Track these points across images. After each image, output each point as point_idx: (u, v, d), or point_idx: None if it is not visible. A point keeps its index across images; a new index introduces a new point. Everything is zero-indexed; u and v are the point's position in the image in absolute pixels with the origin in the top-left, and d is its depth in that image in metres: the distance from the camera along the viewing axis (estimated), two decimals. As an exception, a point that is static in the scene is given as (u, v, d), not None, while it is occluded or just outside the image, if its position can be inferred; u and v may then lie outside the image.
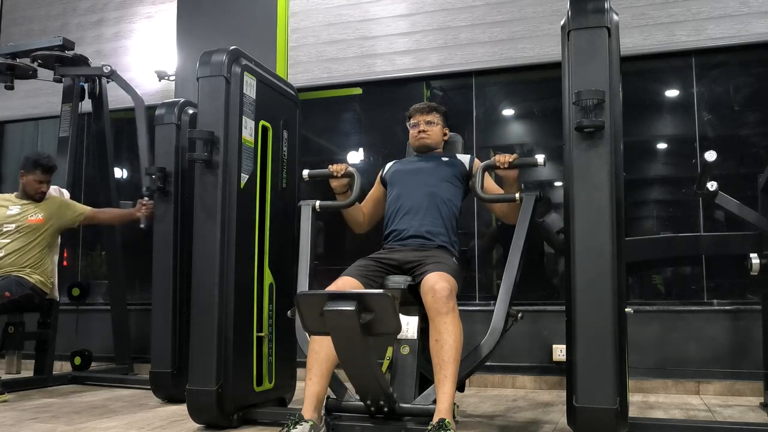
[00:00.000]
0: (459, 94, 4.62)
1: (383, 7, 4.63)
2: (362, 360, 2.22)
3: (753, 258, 2.83)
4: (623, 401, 2.33)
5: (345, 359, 2.28)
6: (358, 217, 3.12)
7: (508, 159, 2.77)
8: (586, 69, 2.42)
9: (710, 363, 3.73)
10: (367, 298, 2.10)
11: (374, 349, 2.25)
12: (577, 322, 2.33)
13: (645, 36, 4.06)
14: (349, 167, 2.97)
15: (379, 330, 2.14)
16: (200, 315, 2.79)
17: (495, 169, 2.82)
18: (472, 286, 4.22)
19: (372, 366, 2.25)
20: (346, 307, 2.06)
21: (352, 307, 2.06)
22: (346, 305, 2.07)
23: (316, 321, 2.15)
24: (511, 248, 2.70)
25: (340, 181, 2.97)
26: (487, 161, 2.84)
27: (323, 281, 2.70)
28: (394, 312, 2.10)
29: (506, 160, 2.77)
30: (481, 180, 2.82)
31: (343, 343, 2.20)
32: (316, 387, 2.44)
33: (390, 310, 2.09)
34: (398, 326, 2.15)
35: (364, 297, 2.10)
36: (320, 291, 2.26)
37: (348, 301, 2.08)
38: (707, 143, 3.94)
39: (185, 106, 3.67)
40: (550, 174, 4.41)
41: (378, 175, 3.18)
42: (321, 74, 4.71)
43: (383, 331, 2.17)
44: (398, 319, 2.15)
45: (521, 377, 4.03)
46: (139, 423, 2.94)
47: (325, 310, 2.09)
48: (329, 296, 2.13)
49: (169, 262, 3.50)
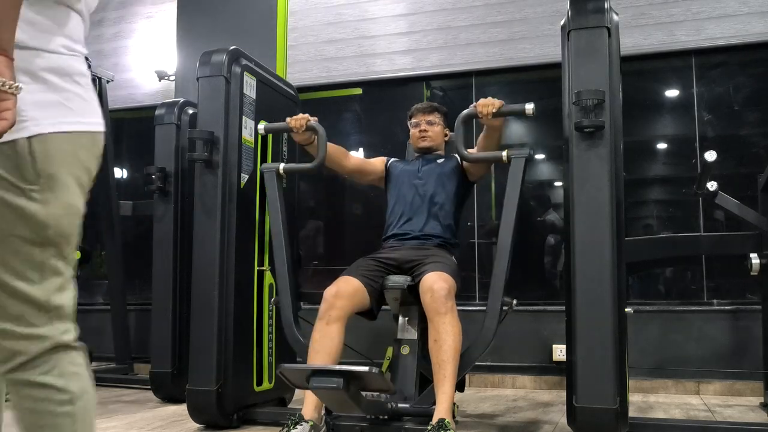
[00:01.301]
0: (459, 94, 4.62)
1: (382, 6, 4.63)
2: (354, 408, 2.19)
3: (753, 258, 2.83)
4: (623, 401, 2.33)
5: (336, 410, 2.30)
6: (339, 157, 2.94)
7: (491, 109, 2.51)
8: (586, 69, 2.42)
9: (710, 363, 3.73)
10: (355, 374, 2.01)
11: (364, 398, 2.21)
12: (577, 322, 2.33)
13: (645, 36, 4.06)
14: (311, 120, 2.74)
15: (369, 390, 2.12)
16: (200, 315, 2.79)
17: (475, 118, 2.60)
18: (472, 286, 4.22)
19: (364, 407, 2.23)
20: (333, 385, 1.98)
21: (339, 385, 1.97)
22: (333, 383, 1.98)
23: (305, 384, 2.10)
24: (501, 224, 2.54)
25: (301, 136, 2.78)
26: (466, 110, 2.57)
27: (323, 281, 2.70)
28: (384, 383, 2.05)
29: (489, 111, 2.51)
30: (461, 135, 2.58)
31: (333, 404, 2.19)
32: (316, 387, 2.44)
33: (380, 382, 2.04)
34: (390, 389, 2.13)
35: (351, 374, 2.01)
36: (303, 366, 2.17)
37: (334, 377, 1.99)
38: (707, 143, 3.93)
39: (185, 106, 3.67)
40: (550, 174, 4.41)
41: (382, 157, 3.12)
42: (320, 74, 4.71)
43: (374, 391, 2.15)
44: (389, 385, 2.11)
45: (521, 377, 4.03)
46: (139, 423, 2.94)
47: (312, 386, 2.03)
48: (313, 372, 2.05)
49: (169, 262, 3.50)
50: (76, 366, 1.17)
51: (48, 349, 1.13)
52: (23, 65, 1.10)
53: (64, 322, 1.16)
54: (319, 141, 2.74)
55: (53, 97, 1.14)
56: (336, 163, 2.95)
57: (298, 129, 2.74)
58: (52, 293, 1.14)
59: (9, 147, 1.09)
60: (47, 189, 1.12)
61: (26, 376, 1.12)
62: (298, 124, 2.75)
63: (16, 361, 1.12)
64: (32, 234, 1.12)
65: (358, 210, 4.82)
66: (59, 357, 1.14)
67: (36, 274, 1.13)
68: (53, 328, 1.14)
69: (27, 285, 1.12)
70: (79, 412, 1.15)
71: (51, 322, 1.14)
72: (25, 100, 1.09)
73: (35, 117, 1.11)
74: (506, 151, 2.57)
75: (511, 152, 2.56)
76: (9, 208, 1.10)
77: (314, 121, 2.75)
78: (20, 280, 1.11)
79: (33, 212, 1.11)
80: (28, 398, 1.12)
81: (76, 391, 1.15)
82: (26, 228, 1.11)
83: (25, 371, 1.12)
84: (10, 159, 1.09)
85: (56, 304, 1.14)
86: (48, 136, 1.12)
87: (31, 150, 1.10)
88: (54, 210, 1.13)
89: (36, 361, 1.12)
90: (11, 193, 1.10)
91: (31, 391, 1.12)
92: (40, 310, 1.12)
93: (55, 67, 1.14)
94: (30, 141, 1.10)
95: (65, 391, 1.14)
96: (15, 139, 1.09)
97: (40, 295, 1.12)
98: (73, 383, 1.15)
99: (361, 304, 2.62)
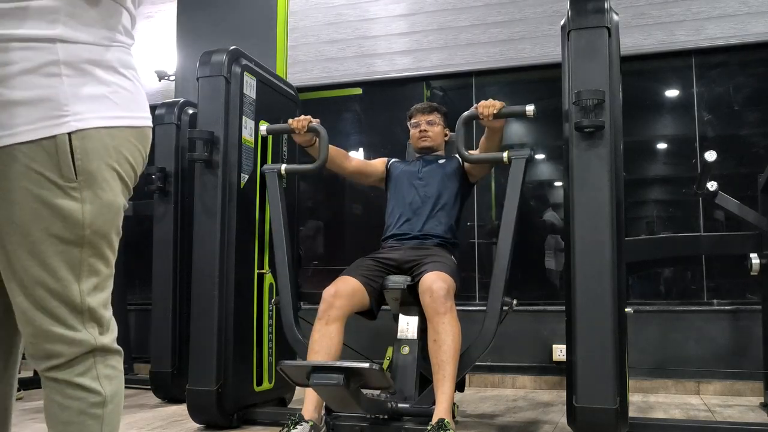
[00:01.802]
0: (459, 95, 4.62)
1: (383, 6, 4.63)
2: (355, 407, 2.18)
3: (753, 258, 2.83)
4: (623, 401, 2.33)
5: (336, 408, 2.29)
6: (341, 159, 2.95)
7: (492, 110, 2.52)
8: (586, 69, 2.42)
9: (710, 363, 3.73)
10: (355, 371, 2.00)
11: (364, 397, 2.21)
12: (577, 322, 2.33)
13: (645, 36, 4.06)
14: (313, 122, 2.77)
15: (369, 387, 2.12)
16: (200, 315, 2.79)
17: (476, 119, 2.61)
18: (472, 286, 4.22)
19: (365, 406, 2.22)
20: (333, 381, 1.98)
21: (339, 382, 1.96)
22: (333, 380, 1.97)
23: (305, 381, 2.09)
24: (502, 224, 2.55)
25: (303, 137, 2.81)
26: (468, 112, 2.60)
27: (323, 281, 2.70)
28: (385, 380, 2.04)
29: (490, 112, 2.52)
30: (462, 136, 2.61)
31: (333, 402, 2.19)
32: (316, 387, 2.44)
33: (380, 379, 2.03)
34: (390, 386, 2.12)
35: (351, 370, 2.00)
36: (303, 363, 2.16)
37: (334, 373, 1.99)
38: (707, 143, 3.93)
39: (185, 106, 3.67)
40: (550, 174, 4.41)
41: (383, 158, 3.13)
42: (320, 74, 4.71)
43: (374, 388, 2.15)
44: (390, 382, 2.10)
45: (521, 377, 4.03)
46: (139, 423, 2.94)
47: (312, 383, 2.02)
48: (313, 368, 2.04)
49: (169, 262, 3.50)
50: (111, 369, 1.16)
51: (86, 352, 1.13)
52: (67, 58, 1.08)
53: (101, 323, 1.15)
54: (321, 142, 2.75)
55: (98, 91, 1.11)
56: (337, 165, 2.96)
57: (299, 130, 2.76)
58: (88, 293, 1.13)
59: (49, 143, 1.07)
60: (86, 187, 1.10)
61: (62, 375, 1.12)
62: (299, 125, 2.76)
63: (53, 362, 1.11)
64: (69, 233, 1.10)
65: (358, 210, 4.82)
66: (96, 360, 1.14)
67: (72, 273, 1.11)
68: (91, 331, 1.13)
69: (63, 284, 1.10)
70: (107, 415, 1.15)
71: (88, 323, 1.13)
72: (67, 94, 1.07)
73: (78, 111, 1.09)
74: (507, 152, 2.58)
75: (511, 153, 2.58)
76: (46, 207, 1.08)
77: (316, 123, 2.77)
78: (57, 279, 1.10)
79: (71, 211, 1.09)
80: (59, 394, 1.12)
81: (109, 394, 1.15)
82: (63, 227, 1.09)
83: (61, 371, 1.12)
84: (49, 155, 1.07)
85: (92, 304, 1.13)
86: (89, 132, 1.10)
87: (72, 146, 1.08)
88: (92, 209, 1.11)
89: (73, 363, 1.12)
90: (49, 191, 1.08)
91: (64, 388, 1.12)
92: (75, 310, 1.11)
93: (100, 60, 1.12)
94: (70, 137, 1.08)
95: (98, 393, 1.13)
96: (55, 135, 1.07)
97: (75, 295, 1.11)
98: (107, 386, 1.15)
99: (361, 304, 2.62)
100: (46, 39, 1.07)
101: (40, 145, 1.07)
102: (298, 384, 2.16)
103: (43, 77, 1.07)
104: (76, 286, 1.11)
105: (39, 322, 1.10)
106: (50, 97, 1.07)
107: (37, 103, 1.06)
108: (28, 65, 1.06)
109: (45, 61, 1.07)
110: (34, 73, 1.06)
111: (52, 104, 1.07)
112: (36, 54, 1.06)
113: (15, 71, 1.06)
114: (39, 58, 1.06)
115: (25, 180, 1.07)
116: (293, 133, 2.80)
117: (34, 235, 1.08)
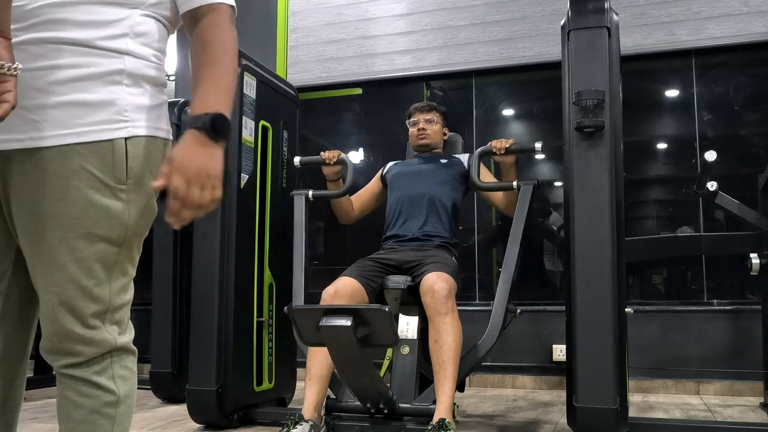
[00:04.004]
0: (459, 94, 4.62)
1: (382, 6, 4.63)
2: (359, 370, 2.20)
3: (753, 258, 2.83)
4: (623, 401, 2.33)
5: (342, 369, 2.27)
6: (347, 206, 3.09)
7: (504, 144, 2.76)
8: (586, 69, 2.42)
9: (710, 363, 3.73)
10: (364, 313, 2.06)
11: (371, 357, 2.23)
12: (577, 322, 2.33)
13: (645, 35, 4.06)
14: (342, 155, 2.96)
15: (376, 342, 2.12)
16: (200, 315, 2.79)
17: (491, 155, 2.81)
18: (472, 285, 4.22)
19: (369, 374, 2.23)
20: (342, 322, 2.03)
21: (348, 323, 2.02)
22: (342, 321, 2.03)
23: (312, 334, 2.12)
24: (510, 240, 2.68)
25: (332, 168, 2.96)
26: (483, 147, 2.84)
27: (323, 281, 2.70)
28: (391, 326, 2.07)
29: (502, 146, 2.76)
30: (477, 168, 2.81)
31: (339, 355, 2.18)
32: (316, 387, 2.44)
33: (387, 324, 2.06)
34: (396, 339, 2.13)
35: (360, 311, 2.06)
36: (315, 306, 2.22)
37: (344, 316, 2.04)
38: (707, 143, 3.93)
39: (185, 105, 3.66)
40: (550, 174, 4.41)
41: (378, 172, 3.17)
42: (320, 74, 4.71)
43: (380, 343, 2.15)
44: (395, 331, 2.12)
45: (521, 377, 4.03)
46: (139, 423, 2.94)
47: (321, 325, 2.06)
48: (324, 311, 2.09)
49: (169, 262, 3.50)
50: (126, 370, 1.19)
51: (104, 352, 1.15)
52: (130, 70, 1.16)
53: (121, 324, 1.18)
54: (347, 170, 2.94)
55: (148, 102, 1.19)
56: (349, 218, 3.12)
57: (330, 160, 2.93)
58: (116, 294, 1.16)
59: (107, 145, 1.13)
60: (134, 190, 1.17)
61: (79, 373, 1.14)
62: (330, 155, 2.93)
63: (71, 360, 1.13)
64: (112, 233, 1.14)
65: (358, 210, 4.81)
66: (113, 360, 1.17)
67: (106, 273, 1.15)
68: (111, 331, 1.16)
69: (96, 283, 1.13)
70: (119, 415, 1.17)
71: (109, 323, 1.16)
72: (127, 102, 1.15)
73: (134, 119, 1.16)
74: (516, 181, 2.76)
75: (520, 182, 2.75)
76: (94, 207, 1.12)
77: (345, 156, 2.96)
78: (91, 278, 1.13)
79: (118, 212, 1.15)
80: (74, 391, 1.14)
81: (123, 394, 1.17)
82: (108, 227, 1.14)
83: (79, 369, 1.14)
84: (104, 158, 1.13)
85: (117, 304, 1.17)
86: (140, 139, 1.17)
87: (127, 151, 1.15)
88: (136, 211, 1.17)
89: (91, 362, 1.14)
90: (99, 192, 1.13)
91: (80, 386, 1.14)
92: (101, 310, 1.14)
93: (150, 75, 1.20)
94: (126, 142, 1.15)
95: (113, 393, 1.16)
96: (113, 139, 1.14)
97: (105, 294, 1.15)
98: (122, 386, 1.17)
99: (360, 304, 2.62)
100: (117, 50, 1.15)
101: (98, 147, 1.13)
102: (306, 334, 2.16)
103: (108, 84, 1.14)
104: (108, 286, 1.15)
105: (62, 320, 1.12)
106: (112, 102, 1.14)
107: (99, 106, 1.13)
108: (96, 71, 1.13)
109: (113, 69, 1.14)
110: (100, 79, 1.13)
111: (113, 109, 1.14)
112: (105, 61, 1.14)
113: (81, 75, 1.12)
114: (108, 66, 1.14)
115: (77, 179, 1.11)
116: (324, 163, 2.94)
117: (78, 233, 1.11)
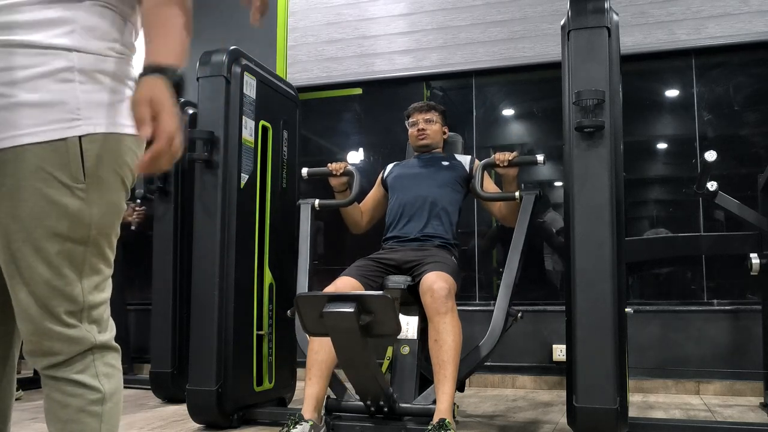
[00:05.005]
0: (459, 94, 4.61)
1: (382, 6, 4.63)
2: (362, 361, 2.22)
3: (753, 258, 2.83)
4: (623, 401, 2.33)
5: (344, 360, 2.28)
6: (356, 216, 3.11)
7: (507, 157, 2.78)
8: (586, 69, 2.42)
9: (710, 363, 3.73)
10: (367, 300, 2.09)
11: (374, 349, 2.25)
12: (577, 322, 2.33)
13: (645, 35, 4.06)
14: (349, 165, 2.97)
15: (378, 331, 2.14)
16: (200, 315, 2.79)
17: (494, 167, 2.83)
18: (472, 286, 4.22)
19: (371, 366, 2.25)
20: (346, 309, 2.06)
21: (352, 309, 2.05)
22: (346, 307, 2.06)
23: (315, 322, 2.14)
24: (511, 248, 2.70)
25: (339, 179, 2.97)
26: (487, 159, 2.85)
27: (323, 281, 2.70)
28: (393, 313, 2.10)
29: (506, 158, 2.78)
30: (480, 178, 2.83)
31: (342, 345, 2.20)
32: (316, 387, 2.44)
33: (390, 311, 2.09)
34: (398, 327, 2.15)
35: (363, 298, 2.09)
36: (320, 293, 2.26)
37: (347, 302, 2.08)
38: (707, 143, 3.93)
39: (185, 106, 3.66)
40: (550, 174, 4.41)
41: (379, 177, 3.18)
42: (320, 74, 4.71)
43: (382, 333, 2.17)
44: (398, 320, 2.14)
45: (521, 377, 4.03)
46: (139, 423, 2.94)
47: (325, 311, 2.09)
48: (329, 298, 2.12)
49: (169, 262, 3.50)
50: (110, 367, 1.19)
51: (84, 350, 1.15)
52: (81, 66, 1.13)
53: (99, 322, 1.18)
54: (353, 180, 2.96)
55: (106, 98, 1.17)
56: (356, 226, 3.13)
57: (337, 171, 2.94)
58: (89, 292, 1.16)
59: (60, 144, 1.11)
60: (93, 188, 1.14)
61: (61, 373, 1.14)
62: (338, 166, 2.95)
63: (52, 360, 1.13)
64: (74, 232, 1.13)
65: (358, 210, 4.81)
66: (95, 357, 1.16)
67: (75, 272, 1.14)
68: (90, 329, 1.16)
69: (66, 282, 1.13)
70: (106, 412, 1.17)
71: (87, 321, 1.15)
72: (80, 99, 1.12)
73: (89, 116, 1.13)
74: (518, 191, 2.77)
75: (522, 192, 2.77)
76: (54, 206, 1.11)
77: (351, 167, 2.98)
78: (60, 277, 1.12)
79: (77, 211, 1.13)
80: (59, 392, 1.14)
81: (108, 391, 1.17)
82: (69, 226, 1.12)
83: (60, 369, 1.14)
84: (60, 157, 1.11)
85: (92, 302, 1.16)
86: (98, 136, 1.14)
87: (82, 149, 1.12)
88: (97, 209, 1.15)
89: (71, 361, 1.14)
90: (57, 191, 1.11)
91: (64, 386, 1.14)
92: (76, 308, 1.14)
93: (108, 70, 1.18)
94: (81, 140, 1.12)
95: (98, 390, 1.16)
96: (67, 137, 1.11)
97: (77, 293, 1.14)
98: (106, 384, 1.17)
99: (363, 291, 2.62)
100: (63, 47, 1.12)
101: (52, 146, 1.11)
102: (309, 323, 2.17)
103: (58, 82, 1.11)
104: (79, 284, 1.14)
105: (39, 319, 1.12)
106: (64, 101, 1.11)
107: (50, 106, 1.11)
108: (44, 70, 1.11)
109: (61, 67, 1.12)
110: (49, 77, 1.11)
111: (65, 108, 1.11)
112: (53, 60, 1.11)
113: (30, 75, 1.10)
114: (55, 64, 1.11)
115: (34, 179, 1.10)
116: (332, 175, 2.96)
117: (40, 233, 1.11)
